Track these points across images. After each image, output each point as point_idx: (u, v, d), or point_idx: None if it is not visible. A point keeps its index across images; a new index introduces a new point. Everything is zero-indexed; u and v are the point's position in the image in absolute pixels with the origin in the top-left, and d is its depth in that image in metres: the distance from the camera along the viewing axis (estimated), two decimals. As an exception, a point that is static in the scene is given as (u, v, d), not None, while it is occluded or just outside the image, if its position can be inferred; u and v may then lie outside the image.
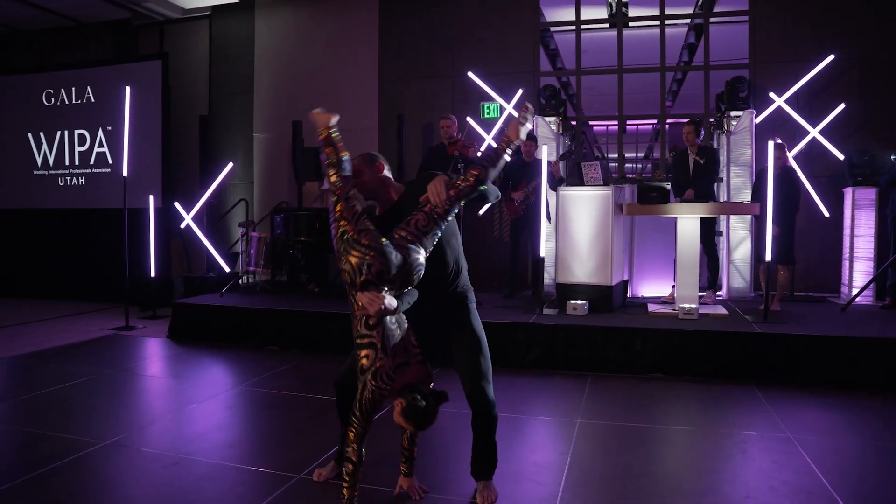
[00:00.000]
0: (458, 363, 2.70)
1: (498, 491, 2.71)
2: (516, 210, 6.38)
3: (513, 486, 2.79)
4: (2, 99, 9.43)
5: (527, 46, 7.71)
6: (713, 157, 5.95)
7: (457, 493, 2.79)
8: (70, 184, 9.04)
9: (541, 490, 2.80)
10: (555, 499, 2.70)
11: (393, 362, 2.35)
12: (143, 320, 7.31)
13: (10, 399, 4.32)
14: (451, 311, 2.71)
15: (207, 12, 9.08)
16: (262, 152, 9.08)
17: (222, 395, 4.40)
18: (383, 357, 2.34)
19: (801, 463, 3.08)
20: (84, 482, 2.92)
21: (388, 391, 2.34)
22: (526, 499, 2.71)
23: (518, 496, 2.72)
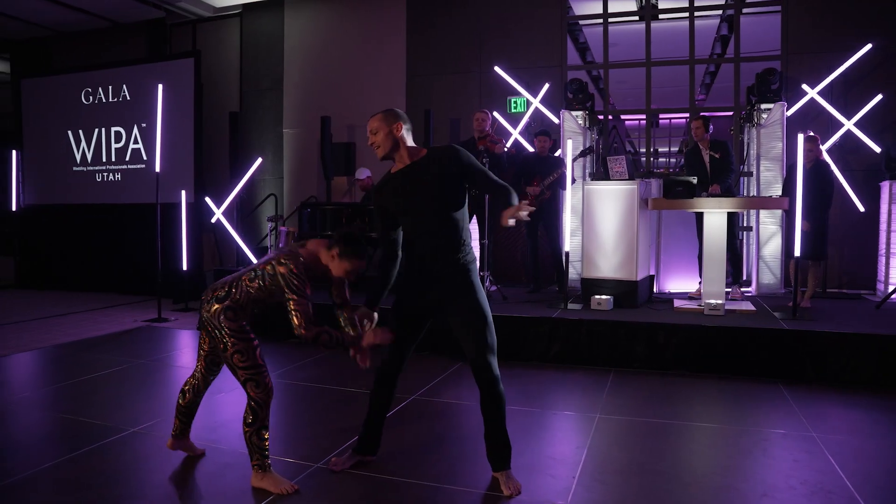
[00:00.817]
0: (463, 335, 2.72)
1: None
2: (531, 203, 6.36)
3: (527, 479, 2.81)
4: (45, 98, 9.75)
5: (554, 40, 7.66)
6: (727, 150, 5.85)
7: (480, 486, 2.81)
8: (106, 180, 9.30)
9: (555, 484, 2.80)
10: (568, 493, 2.71)
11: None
12: (175, 313, 7.50)
13: (50, 385, 4.52)
14: (452, 283, 2.73)
15: (238, 10, 9.24)
16: (292, 147, 9.21)
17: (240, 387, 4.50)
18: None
19: (824, 462, 3.03)
20: (109, 467, 3.02)
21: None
22: (539, 492, 2.72)
23: (532, 489, 2.73)
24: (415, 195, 2.69)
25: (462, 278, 2.73)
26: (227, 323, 2.74)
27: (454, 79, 8.20)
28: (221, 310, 2.75)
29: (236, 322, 2.75)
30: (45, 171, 9.73)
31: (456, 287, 2.73)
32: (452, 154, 2.74)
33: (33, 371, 5.08)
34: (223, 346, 2.74)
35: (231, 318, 2.75)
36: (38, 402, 4.11)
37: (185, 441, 3.10)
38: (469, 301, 2.72)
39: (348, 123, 8.75)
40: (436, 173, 2.68)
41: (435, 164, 2.70)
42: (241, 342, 2.74)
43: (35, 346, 5.74)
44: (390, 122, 2.72)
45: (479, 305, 2.72)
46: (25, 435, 3.51)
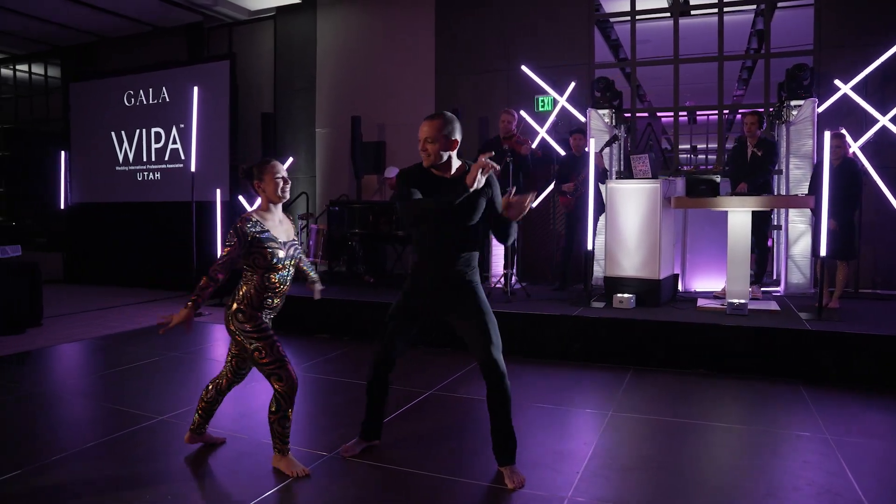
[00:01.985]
0: (470, 335, 2.82)
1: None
2: (569, 203, 6.40)
3: (530, 473, 2.88)
4: (91, 101, 10.17)
5: (581, 38, 7.65)
6: (771, 150, 5.77)
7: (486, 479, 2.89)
8: (147, 179, 9.65)
9: (558, 478, 2.87)
10: (570, 487, 2.77)
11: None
12: (210, 307, 7.75)
13: (92, 374, 4.82)
14: (456, 289, 2.83)
15: (272, 13, 9.47)
16: (324, 147, 9.41)
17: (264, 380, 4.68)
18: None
19: (834, 464, 3.01)
20: (141, 449, 3.21)
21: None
22: (544, 485, 2.79)
23: (534, 482, 2.80)
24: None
25: (466, 286, 2.84)
26: (242, 324, 2.86)
27: (482, 77, 8.26)
28: (234, 313, 2.88)
29: (251, 321, 2.87)
30: (91, 170, 10.15)
31: (459, 292, 2.83)
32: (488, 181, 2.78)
33: (78, 360, 5.37)
34: (246, 346, 2.87)
35: (243, 319, 2.87)
36: (82, 389, 4.37)
37: (202, 436, 3.26)
38: (472, 303, 2.82)
39: (378, 123, 8.90)
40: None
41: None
42: (259, 340, 2.86)
43: (80, 338, 6.06)
44: (450, 135, 2.69)
45: (482, 306, 2.82)
46: (70, 418, 3.77)
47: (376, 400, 3.07)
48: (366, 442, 3.16)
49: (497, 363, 2.76)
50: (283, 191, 2.95)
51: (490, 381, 2.79)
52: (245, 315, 2.87)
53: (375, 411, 3.11)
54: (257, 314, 2.90)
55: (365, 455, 3.11)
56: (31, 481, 2.84)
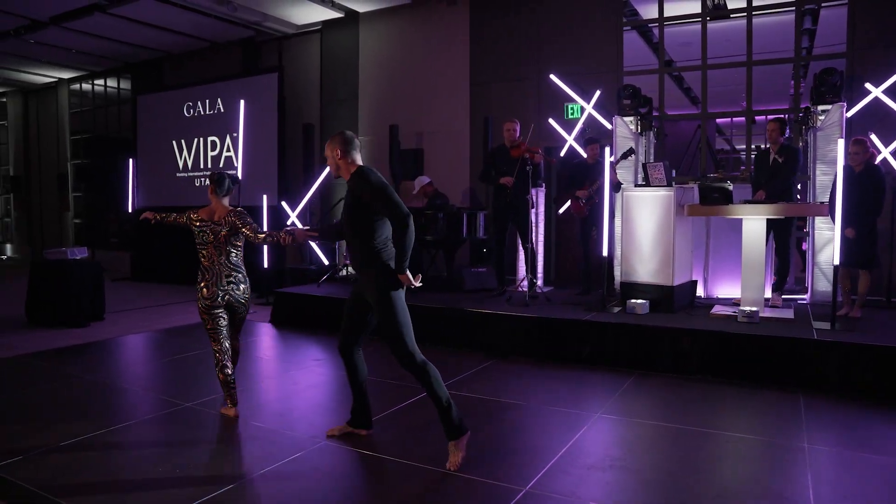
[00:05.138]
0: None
1: (464, 458, 3.15)
2: (581, 209, 6.54)
3: (498, 465, 3.11)
4: (156, 112, 10.98)
5: (610, 46, 7.73)
6: (792, 157, 5.73)
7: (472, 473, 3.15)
8: (203, 184, 10.34)
9: (522, 471, 3.08)
10: (531, 480, 2.98)
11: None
12: (256, 306, 8.28)
13: (148, 363, 5.44)
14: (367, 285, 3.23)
15: (318, 27, 9.96)
16: (366, 154, 9.79)
17: (294, 372, 5.08)
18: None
19: (797, 472, 3.09)
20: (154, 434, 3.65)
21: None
22: (504, 478, 3.00)
23: (498, 474, 3.03)
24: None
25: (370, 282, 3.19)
26: (249, 294, 3.92)
27: (514, 86, 8.45)
28: (248, 287, 3.91)
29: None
30: (155, 176, 10.95)
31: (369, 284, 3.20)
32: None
33: (138, 350, 5.99)
34: (244, 313, 3.92)
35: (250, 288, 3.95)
36: (139, 375, 4.95)
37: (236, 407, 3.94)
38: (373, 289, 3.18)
39: (417, 131, 9.23)
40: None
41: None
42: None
43: (136, 331, 6.68)
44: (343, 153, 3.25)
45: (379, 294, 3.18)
46: (126, 398, 4.25)
47: (352, 383, 3.48)
48: (350, 428, 3.52)
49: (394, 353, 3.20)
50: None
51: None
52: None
53: (356, 395, 3.49)
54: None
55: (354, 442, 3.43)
56: (105, 438, 3.49)
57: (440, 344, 5.91)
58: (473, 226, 7.32)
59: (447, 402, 3.14)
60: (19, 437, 3.58)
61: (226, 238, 3.77)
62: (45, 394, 4.44)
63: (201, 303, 3.77)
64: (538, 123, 8.04)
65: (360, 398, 3.50)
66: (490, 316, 5.75)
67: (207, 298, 3.75)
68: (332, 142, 3.23)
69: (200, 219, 3.81)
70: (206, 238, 3.79)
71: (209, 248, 3.79)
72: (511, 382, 4.75)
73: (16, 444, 3.45)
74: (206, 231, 3.79)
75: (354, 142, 3.24)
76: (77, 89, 13.86)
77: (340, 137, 3.23)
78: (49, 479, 3.00)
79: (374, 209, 3.12)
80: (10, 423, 3.84)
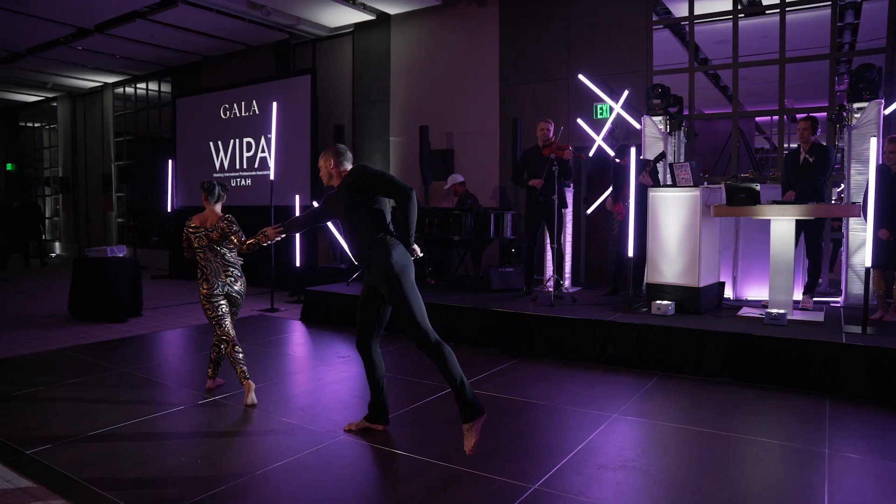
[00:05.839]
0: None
1: (477, 443, 3.22)
2: (622, 212, 6.51)
3: (509, 463, 3.14)
4: (194, 114, 11.29)
5: (640, 45, 7.66)
6: (823, 156, 5.60)
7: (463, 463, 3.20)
8: (239, 185, 10.59)
9: (533, 469, 3.11)
10: (541, 478, 3.01)
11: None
12: (288, 304, 8.46)
13: (183, 357, 5.60)
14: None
15: (350, 29, 10.11)
16: (397, 154, 9.92)
17: (318, 369, 5.19)
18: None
19: (815, 477, 3.05)
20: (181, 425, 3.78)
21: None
22: (514, 475, 3.04)
23: (509, 471, 3.07)
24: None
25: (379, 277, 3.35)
26: (245, 289, 4.41)
27: (544, 86, 8.44)
28: (244, 283, 4.38)
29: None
30: (193, 177, 11.26)
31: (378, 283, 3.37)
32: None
33: (172, 345, 6.19)
34: (240, 306, 4.39)
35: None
36: (171, 369, 5.11)
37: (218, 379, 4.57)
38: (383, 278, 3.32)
39: (447, 131, 9.29)
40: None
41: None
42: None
43: (176, 326, 6.93)
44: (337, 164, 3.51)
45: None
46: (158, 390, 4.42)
47: (370, 379, 3.57)
48: (367, 423, 3.61)
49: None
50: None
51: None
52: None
53: (373, 391, 3.58)
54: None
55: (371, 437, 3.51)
56: (135, 428, 3.69)
57: (465, 343, 5.96)
58: (500, 226, 7.35)
59: (460, 382, 3.22)
60: (56, 425, 3.76)
61: (217, 240, 4.20)
62: (82, 385, 4.64)
63: (202, 294, 4.23)
64: (567, 124, 8.03)
65: (377, 394, 3.58)
66: (514, 316, 5.77)
67: (207, 289, 4.18)
68: (325, 153, 3.51)
69: (194, 226, 4.27)
70: (201, 242, 4.22)
71: (205, 250, 4.22)
72: (532, 382, 4.77)
73: (52, 432, 3.63)
74: (201, 236, 4.23)
75: (347, 153, 3.53)
76: (121, 93, 14.34)
77: (334, 150, 3.51)
78: (80, 465, 3.16)
79: (374, 197, 3.33)
80: (49, 412, 4.04)
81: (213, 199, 4.32)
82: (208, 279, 4.22)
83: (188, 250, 4.32)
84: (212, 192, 4.32)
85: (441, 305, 6.21)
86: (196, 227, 4.26)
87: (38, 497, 2.87)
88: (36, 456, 3.30)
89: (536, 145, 6.53)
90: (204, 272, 4.23)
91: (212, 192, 4.32)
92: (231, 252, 4.31)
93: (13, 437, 3.57)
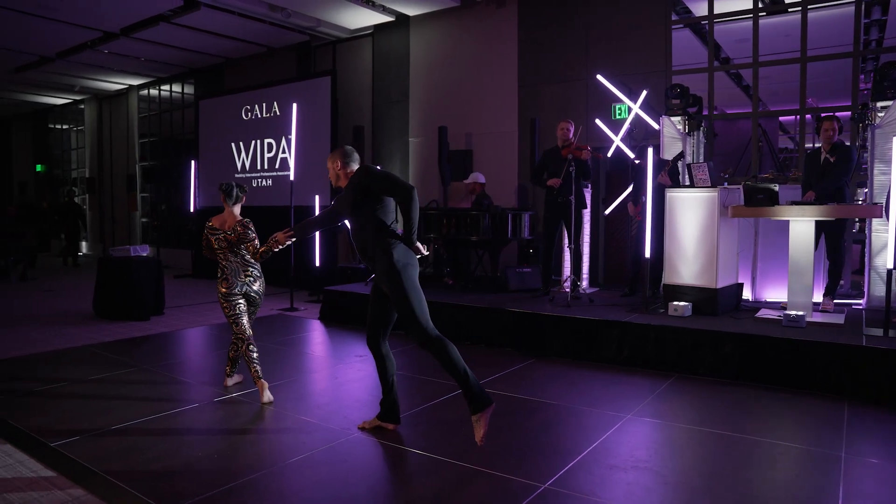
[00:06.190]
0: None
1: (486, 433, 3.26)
2: (640, 212, 6.47)
3: (520, 462, 3.16)
4: (216, 115, 11.46)
5: (658, 45, 7.61)
6: (845, 156, 5.52)
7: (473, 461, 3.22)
8: (260, 185, 10.73)
9: (544, 469, 3.12)
10: (551, 477, 3.02)
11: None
12: (307, 303, 8.55)
13: (204, 355, 5.73)
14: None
15: (370, 31, 10.18)
16: (416, 155, 9.97)
17: (335, 368, 5.24)
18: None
19: (829, 481, 3.01)
20: (199, 421, 3.86)
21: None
22: (525, 474, 3.05)
23: (519, 470, 3.08)
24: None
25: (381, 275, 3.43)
26: (264, 289, 4.49)
27: (563, 87, 8.43)
28: (263, 283, 4.48)
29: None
30: (215, 177, 11.42)
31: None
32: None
33: (192, 343, 6.30)
34: (258, 306, 4.49)
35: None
36: (191, 366, 5.19)
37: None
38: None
39: (466, 132, 9.31)
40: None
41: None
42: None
43: (197, 325, 7.05)
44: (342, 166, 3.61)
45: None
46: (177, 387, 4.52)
47: (381, 377, 3.64)
48: (379, 421, 3.65)
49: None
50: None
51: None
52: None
53: (385, 390, 3.63)
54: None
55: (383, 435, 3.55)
56: (155, 424, 3.74)
57: (482, 343, 5.99)
58: (518, 226, 7.35)
59: (464, 373, 3.26)
60: (79, 419, 3.86)
61: (235, 242, 4.29)
62: (104, 381, 4.75)
63: (221, 293, 4.32)
64: (586, 124, 8.00)
65: (387, 392, 3.62)
66: (530, 316, 5.78)
67: (226, 288, 4.26)
68: (333, 155, 3.62)
69: (214, 227, 4.37)
70: (220, 244, 4.31)
71: (224, 251, 4.31)
72: (547, 382, 4.77)
73: (75, 426, 3.73)
74: (220, 237, 4.31)
75: (353, 154, 3.62)
76: (145, 95, 14.60)
77: (341, 151, 3.61)
78: (100, 458, 3.24)
79: (379, 197, 3.40)
80: (73, 406, 4.14)
81: (231, 201, 4.40)
82: (227, 279, 4.30)
83: (207, 250, 4.42)
84: (230, 194, 4.40)
85: (458, 305, 6.24)
86: (215, 229, 4.36)
87: (60, 486, 2.96)
88: (59, 448, 3.39)
89: (556, 146, 6.53)
90: (224, 272, 4.32)
91: (230, 194, 4.40)
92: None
93: (39, 429, 3.67)
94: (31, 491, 2.92)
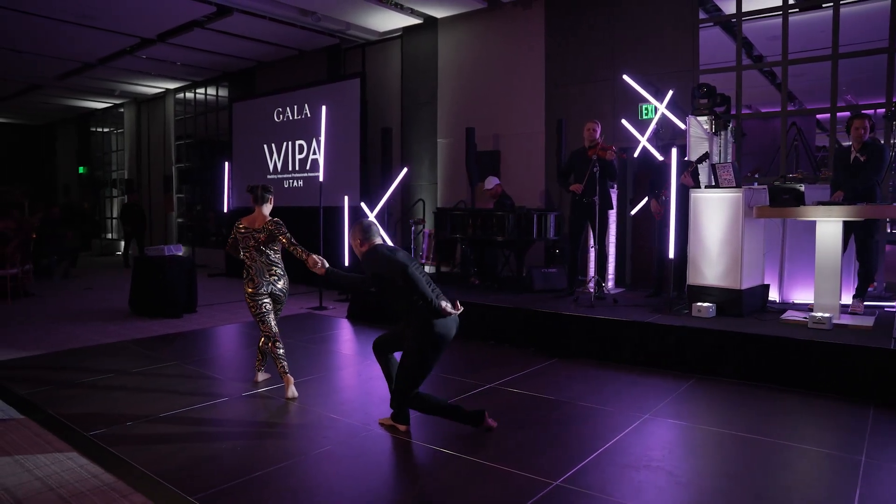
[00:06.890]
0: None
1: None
2: (660, 211, 6.45)
3: (534, 459, 3.21)
4: (248, 117, 11.72)
5: (686, 44, 7.54)
6: (876, 155, 5.42)
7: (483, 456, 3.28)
8: (291, 186, 10.93)
9: (558, 466, 3.17)
10: (564, 474, 3.07)
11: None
12: (336, 303, 8.70)
13: (235, 351, 5.85)
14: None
15: (399, 33, 10.29)
16: (445, 156, 10.05)
17: (361, 365, 5.36)
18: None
19: (846, 485, 2.99)
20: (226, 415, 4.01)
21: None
22: (539, 471, 3.10)
23: (534, 467, 3.13)
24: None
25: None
26: (288, 287, 4.64)
27: (589, 87, 8.41)
28: (287, 282, 4.63)
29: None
30: (247, 178, 11.67)
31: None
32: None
33: (223, 340, 6.49)
34: (283, 304, 4.64)
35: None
36: (221, 362, 5.37)
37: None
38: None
39: (494, 133, 9.35)
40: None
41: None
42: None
43: (228, 322, 7.25)
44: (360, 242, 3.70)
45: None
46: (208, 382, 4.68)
47: (385, 375, 3.82)
48: (391, 421, 3.74)
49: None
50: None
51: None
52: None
53: (391, 387, 3.75)
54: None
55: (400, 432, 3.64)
56: (185, 416, 3.92)
57: (506, 342, 6.04)
58: (543, 226, 7.38)
59: (448, 407, 3.55)
60: (113, 411, 4.04)
61: (265, 242, 4.40)
62: (137, 376, 4.94)
63: (248, 293, 4.41)
64: (612, 125, 7.98)
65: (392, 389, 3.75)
66: (554, 316, 5.81)
67: (253, 288, 4.38)
68: (354, 232, 3.70)
69: (244, 226, 4.51)
70: (248, 243, 4.43)
71: (251, 250, 4.43)
72: (568, 381, 4.80)
73: (109, 417, 3.91)
74: (249, 237, 4.43)
75: (369, 231, 3.67)
76: (181, 98, 14.98)
77: (360, 228, 3.69)
78: (131, 447, 3.40)
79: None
80: (107, 399, 4.33)
81: (258, 201, 4.54)
82: (254, 279, 4.44)
83: (232, 247, 4.59)
84: (257, 195, 4.53)
85: (483, 305, 6.30)
86: (246, 228, 4.50)
87: (93, 473, 3.12)
88: (94, 437, 3.57)
89: (583, 146, 6.54)
90: (249, 272, 4.47)
91: (257, 195, 4.53)
92: (275, 253, 4.53)
93: (75, 419, 3.86)
94: (67, 475, 3.08)
